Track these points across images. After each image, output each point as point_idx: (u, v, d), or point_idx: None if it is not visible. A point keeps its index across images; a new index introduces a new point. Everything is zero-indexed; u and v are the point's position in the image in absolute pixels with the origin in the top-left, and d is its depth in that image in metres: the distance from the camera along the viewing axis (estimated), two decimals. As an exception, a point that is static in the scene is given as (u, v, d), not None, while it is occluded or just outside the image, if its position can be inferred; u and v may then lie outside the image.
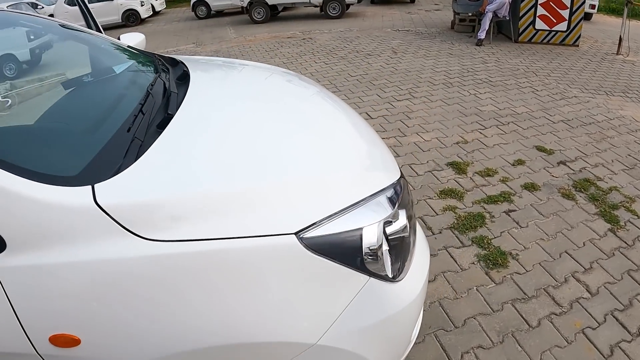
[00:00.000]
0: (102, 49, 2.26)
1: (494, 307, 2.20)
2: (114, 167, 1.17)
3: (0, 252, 1.04)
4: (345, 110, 1.96)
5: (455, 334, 2.07)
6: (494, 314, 2.17)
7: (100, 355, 1.14)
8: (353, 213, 1.24)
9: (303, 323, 1.16)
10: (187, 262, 1.06)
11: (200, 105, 1.65)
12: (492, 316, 2.16)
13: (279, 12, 12.95)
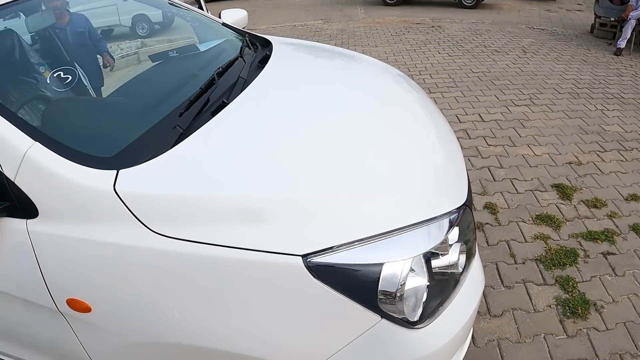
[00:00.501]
0: (196, 25, 2.30)
1: (556, 364, 1.92)
2: (146, 154, 1.21)
3: (33, 218, 1.16)
4: (433, 122, 1.75)
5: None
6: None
7: (112, 325, 1.22)
8: (378, 244, 1.11)
9: (292, 351, 1.11)
10: (185, 262, 1.08)
11: (260, 96, 1.59)
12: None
13: None
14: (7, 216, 1.21)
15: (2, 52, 1.62)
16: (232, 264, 1.06)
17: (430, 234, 1.18)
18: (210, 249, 1.06)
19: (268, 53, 1.98)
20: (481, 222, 2.84)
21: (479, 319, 2.14)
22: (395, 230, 1.13)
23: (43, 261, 1.18)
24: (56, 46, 1.90)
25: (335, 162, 1.31)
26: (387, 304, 1.09)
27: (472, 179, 3.32)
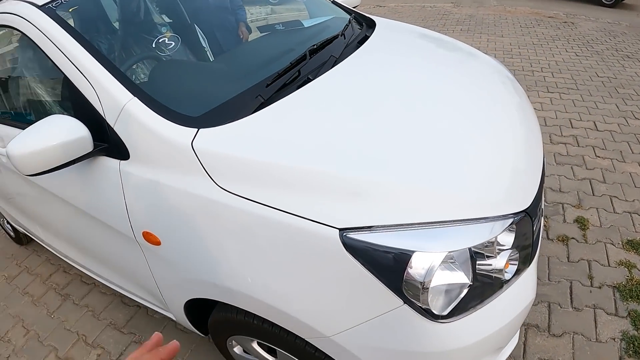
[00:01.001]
0: (309, 1, 2.43)
1: (604, 400, 1.82)
2: (226, 118, 1.39)
3: (125, 159, 1.44)
4: (523, 128, 1.62)
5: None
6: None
7: (173, 259, 1.46)
8: (415, 232, 1.12)
9: (321, 313, 1.21)
10: (238, 216, 1.25)
11: (346, 75, 1.64)
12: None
13: None
14: (105, 156, 1.51)
15: (116, 16, 1.90)
16: (279, 225, 1.17)
17: (476, 234, 1.16)
18: (263, 209, 1.19)
19: (368, 34, 2.02)
20: (567, 236, 2.72)
21: (535, 334, 2.11)
22: (436, 223, 1.14)
23: (128, 196, 1.46)
24: (175, 11, 2.15)
25: (399, 146, 1.31)
26: (411, 292, 1.11)
27: (571, 189, 3.18)
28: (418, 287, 1.11)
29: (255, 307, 1.34)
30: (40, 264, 3.18)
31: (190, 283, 1.47)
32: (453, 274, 1.15)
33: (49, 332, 2.55)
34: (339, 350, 1.25)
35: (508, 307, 1.28)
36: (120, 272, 1.93)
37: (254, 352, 1.65)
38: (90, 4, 1.91)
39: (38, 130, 1.37)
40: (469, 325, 1.19)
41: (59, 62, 1.56)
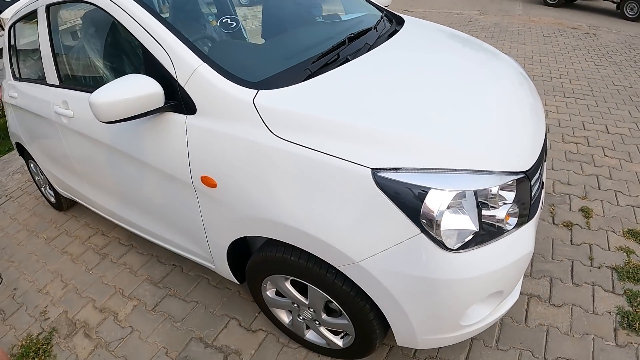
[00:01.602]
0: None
1: (598, 365, 1.98)
2: (281, 84, 1.66)
3: (191, 114, 1.69)
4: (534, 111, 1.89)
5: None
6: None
7: (227, 200, 1.71)
8: (435, 175, 1.38)
9: (353, 241, 1.44)
10: (289, 158, 1.50)
11: (378, 59, 1.90)
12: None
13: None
14: (172, 111, 1.78)
15: None
16: (323, 165, 1.43)
17: (481, 182, 1.40)
18: (311, 152, 1.45)
19: (397, 29, 2.30)
20: (571, 222, 2.89)
21: (537, 303, 2.28)
22: (450, 170, 1.40)
23: (191, 146, 1.72)
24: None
25: (424, 112, 1.57)
26: (426, 222, 1.36)
27: (578, 183, 3.35)
28: (432, 219, 1.35)
29: (297, 238, 1.56)
30: (79, 228, 3.44)
31: (240, 221, 1.70)
32: (464, 220, 1.40)
33: (87, 286, 2.79)
34: (365, 276, 1.48)
35: (509, 252, 1.51)
36: (167, 222, 2.16)
37: (287, 291, 1.87)
38: None
39: (119, 84, 1.63)
40: (476, 259, 1.43)
41: (135, 32, 1.83)
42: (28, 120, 3.03)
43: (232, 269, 2.01)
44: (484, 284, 1.49)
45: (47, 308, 2.68)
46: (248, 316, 2.36)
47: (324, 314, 1.82)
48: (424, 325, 1.54)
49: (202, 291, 2.58)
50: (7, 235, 3.59)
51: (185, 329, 2.34)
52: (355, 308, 1.62)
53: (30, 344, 2.42)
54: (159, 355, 2.22)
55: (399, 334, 1.62)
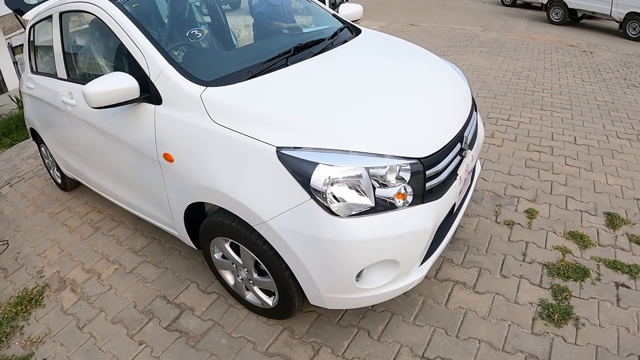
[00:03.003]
0: (309, 12, 3.13)
1: (506, 348, 2.14)
2: (226, 82, 2.06)
3: (159, 104, 2.12)
4: (455, 109, 2.22)
5: (451, 340, 2.19)
6: (501, 354, 2.12)
7: (180, 172, 2.10)
8: (326, 154, 1.72)
9: (263, 203, 1.82)
10: (221, 138, 1.90)
11: (313, 64, 2.27)
12: (499, 355, 2.11)
13: (579, 17, 11.77)
14: (145, 102, 2.21)
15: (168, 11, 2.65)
16: (243, 144, 1.83)
17: (371, 162, 1.72)
18: (236, 134, 1.86)
19: (347, 40, 2.66)
20: (513, 221, 3.04)
21: (460, 289, 2.45)
22: (343, 151, 1.73)
23: (157, 129, 2.14)
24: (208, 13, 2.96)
25: (331, 103, 1.94)
26: (315, 190, 1.69)
27: (531, 187, 3.51)
28: (319, 188, 1.69)
29: (226, 202, 1.94)
30: (80, 205, 3.90)
31: (190, 189, 2.10)
32: (360, 196, 1.72)
33: (80, 252, 3.23)
34: (272, 235, 1.83)
35: (399, 225, 1.78)
36: (141, 193, 2.59)
37: (227, 253, 2.24)
38: (146, 3, 2.62)
39: (105, 79, 2.08)
40: (362, 225, 1.72)
41: (122, 39, 2.28)
42: (41, 108, 3.49)
43: (190, 236, 2.41)
44: (371, 248, 1.76)
45: (44, 268, 3.12)
46: (206, 281, 2.75)
47: (255, 274, 2.18)
48: (325, 282, 1.84)
49: (173, 260, 2.99)
50: (17, 209, 4.06)
51: (154, 289, 2.75)
52: (274, 266, 1.96)
53: (25, 295, 2.86)
54: (129, 308, 2.63)
55: (308, 292, 1.95)
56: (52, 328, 2.57)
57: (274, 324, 2.39)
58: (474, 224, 3.08)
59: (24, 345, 2.49)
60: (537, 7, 13.62)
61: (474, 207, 3.30)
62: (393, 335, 2.26)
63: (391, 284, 1.89)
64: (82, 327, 2.53)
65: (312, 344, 2.25)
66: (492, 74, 6.76)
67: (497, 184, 3.60)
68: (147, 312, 2.58)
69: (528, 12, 13.75)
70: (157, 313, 2.56)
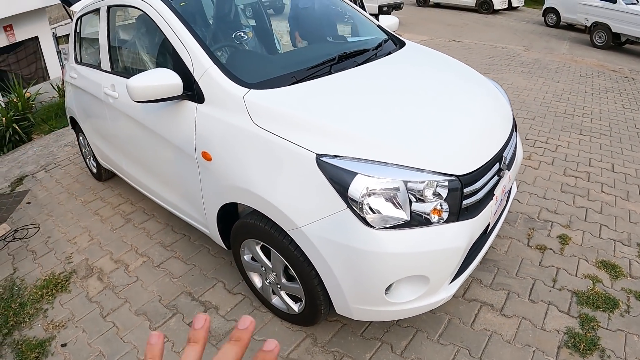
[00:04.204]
0: (353, 21, 3.12)
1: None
2: (269, 86, 2.07)
3: (201, 103, 2.14)
4: (499, 128, 2.19)
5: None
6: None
7: (218, 171, 2.11)
8: (366, 164, 1.70)
9: (298, 209, 1.81)
10: (261, 141, 1.91)
11: (357, 75, 2.26)
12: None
13: (623, 42, 11.48)
14: (187, 100, 2.23)
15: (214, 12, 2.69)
16: (284, 149, 1.83)
17: (409, 176, 1.69)
18: (277, 138, 1.86)
19: (391, 51, 2.64)
20: (546, 246, 3.00)
21: (488, 311, 2.41)
22: (383, 162, 1.70)
23: (198, 127, 2.16)
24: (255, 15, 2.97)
25: (373, 113, 1.92)
26: (351, 200, 1.67)
27: (565, 213, 3.45)
28: (356, 198, 1.67)
29: (261, 204, 1.94)
30: (113, 196, 3.97)
31: (226, 189, 2.10)
32: (396, 209, 1.69)
33: (109, 242, 3.28)
34: (306, 241, 1.82)
35: (432, 241, 1.75)
36: (176, 189, 2.62)
37: (257, 255, 2.24)
38: (194, 2, 2.66)
39: (150, 74, 2.11)
40: (395, 238, 1.70)
41: (169, 36, 2.31)
42: (83, 98, 3.58)
43: (221, 235, 2.41)
44: (404, 263, 1.74)
45: (72, 255, 3.18)
46: (233, 282, 2.75)
47: (283, 278, 2.17)
48: (354, 293, 1.82)
49: (202, 257, 3.00)
50: (51, 195, 4.16)
51: (180, 285, 2.77)
52: (304, 272, 1.95)
53: (51, 279, 2.92)
54: (153, 301, 2.65)
55: (336, 301, 1.93)
56: (76, 314, 2.61)
57: (297, 330, 2.38)
58: (506, 246, 3.02)
59: (46, 327, 2.54)
60: (581, 30, 13.43)
61: (506, 228, 3.24)
62: (416, 351, 2.22)
63: (420, 299, 1.87)
64: (106, 316, 2.57)
65: (334, 353, 2.23)
66: (532, 94, 6.66)
67: (532, 206, 3.54)
68: (172, 307, 2.60)
69: (571, 34, 13.54)
70: (181, 309, 2.57)
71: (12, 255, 3.28)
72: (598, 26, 11.42)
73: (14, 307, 2.72)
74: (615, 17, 10.98)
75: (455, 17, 15.84)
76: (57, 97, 8.50)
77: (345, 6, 3.21)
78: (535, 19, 16.06)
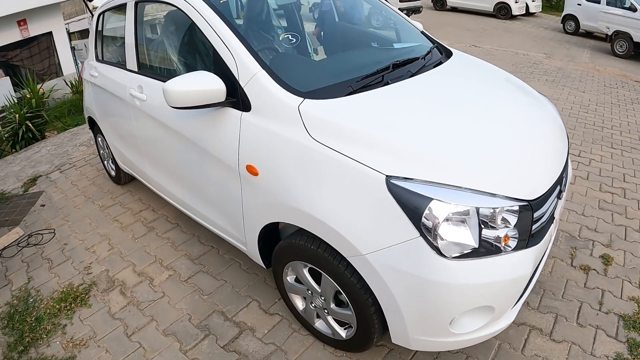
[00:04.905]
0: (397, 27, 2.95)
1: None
2: (324, 95, 1.90)
3: (247, 111, 1.96)
4: (557, 150, 2.05)
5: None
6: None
7: (265, 188, 1.94)
8: (440, 188, 1.55)
9: (362, 235, 1.64)
10: (320, 157, 1.73)
11: (417, 85, 2.11)
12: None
13: None
14: (231, 107, 2.04)
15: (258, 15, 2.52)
16: (347, 167, 1.65)
17: (483, 202, 1.56)
18: (340, 155, 1.68)
19: (443, 61, 2.47)
20: (589, 266, 2.91)
21: (537, 335, 2.32)
22: (456, 186, 1.56)
23: (242, 138, 1.97)
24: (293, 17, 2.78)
25: (442, 131, 1.77)
26: (426, 228, 1.53)
27: (605, 231, 3.34)
28: (431, 226, 1.52)
29: (317, 227, 1.77)
30: (132, 201, 3.79)
31: (273, 208, 1.93)
32: (465, 234, 1.56)
33: (131, 252, 3.10)
34: (368, 269, 1.66)
35: (502, 270, 1.64)
36: (212, 203, 2.43)
37: (304, 278, 2.07)
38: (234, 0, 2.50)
39: (190, 77, 1.93)
40: (467, 269, 1.57)
41: (209, 36, 2.11)
42: (104, 98, 3.40)
43: (260, 253, 2.24)
44: (473, 294, 1.62)
45: (91, 265, 3.00)
46: (268, 300, 2.57)
47: (332, 304, 2.01)
48: (416, 324, 1.69)
49: (233, 273, 2.82)
50: (66, 197, 3.99)
51: (211, 302, 2.58)
52: (359, 300, 1.79)
53: (70, 291, 2.74)
54: (183, 320, 2.47)
55: (394, 331, 1.78)
56: (98, 331, 2.44)
57: (341, 355, 2.21)
58: (550, 266, 2.91)
59: (65, 346, 2.36)
60: (600, 38, 13.32)
61: (550, 247, 3.10)
62: (468, 380, 2.08)
63: (482, 329, 1.76)
64: (131, 335, 2.39)
65: (382, 382, 2.06)
66: (560, 105, 6.51)
67: (572, 224, 3.42)
68: (203, 327, 2.42)
69: (590, 42, 13.42)
70: (214, 330, 2.40)
71: (26, 263, 3.11)
72: (619, 35, 11.30)
73: (30, 321, 2.55)
74: (637, 26, 10.87)
75: (473, 21, 15.74)
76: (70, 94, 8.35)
77: (387, 9, 3.04)
78: (553, 26, 15.96)
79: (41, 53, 10.33)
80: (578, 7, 13.84)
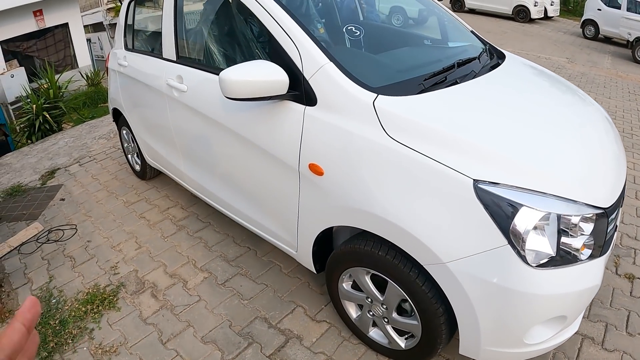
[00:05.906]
0: (448, 26, 2.81)
1: None
2: (396, 92, 1.75)
3: (311, 106, 1.80)
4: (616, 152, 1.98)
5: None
6: None
7: (330, 189, 1.78)
8: (529, 194, 1.46)
9: (445, 242, 1.51)
10: (398, 157, 1.58)
11: (479, 86, 1.99)
12: None
13: None
14: (292, 101, 1.87)
15: None
16: (429, 169, 1.52)
17: (566, 208, 1.48)
18: (420, 156, 1.54)
19: (499, 62, 2.36)
20: (633, 275, 2.82)
21: (590, 345, 2.26)
22: (542, 192, 1.47)
23: (305, 134, 1.81)
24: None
25: (524, 138, 1.67)
26: (514, 235, 1.43)
27: (634, 246, 3.24)
28: (520, 233, 1.43)
29: (393, 233, 1.62)
30: (159, 198, 3.62)
31: (339, 210, 1.77)
32: (544, 242, 1.47)
33: (161, 251, 2.93)
34: (448, 277, 1.53)
35: (579, 280, 1.57)
36: (260, 203, 2.27)
37: (365, 285, 1.91)
38: None
39: (250, 66, 1.77)
40: (550, 279, 1.49)
41: (267, 24, 1.94)
42: (134, 88, 3.23)
43: (313, 258, 2.07)
44: (552, 305, 1.55)
45: (118, 264, 2.84)
46: (314, 306, 2.41)
47: (394, 313, 1.86)
48: (491, 335, 1.58)
49: (273, 276, 2.65)
50: (87, 192, 3.83)
51: (252, 308, 2.42)
52: (429, 309, 1.66)
53: (96, 293, 2.57)
54: (223, 327, 2.30)
55: (464, 342, 1.66)
56: (129, 337, 2.28)
57: (396, 367, 2.05)
58: None
59: (93, 352, 2.20)
60: (620, 44, 13.12)
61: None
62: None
63: (552, 338, 1.70)
64: (166, 342, 2.23)
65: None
66: (588, 111, 6.36)
67: (614, 232, 3.29)
68: (246, 334, 2.25)
69: (610, 47, 13.25)
70: (257, 337, 2.23)
71: (46, 260, 2.95)
72: (640, 42, 11.11)
73: (53, 324, 2.38)
74: (659, 33, 10.68)
75: (492, 24, 15.59)
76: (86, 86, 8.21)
77: (440, 7, 2.88)
78: (571, 30, 15.83)
79: (56, 44, 10.17)
80: (598, 12, 13.68)
